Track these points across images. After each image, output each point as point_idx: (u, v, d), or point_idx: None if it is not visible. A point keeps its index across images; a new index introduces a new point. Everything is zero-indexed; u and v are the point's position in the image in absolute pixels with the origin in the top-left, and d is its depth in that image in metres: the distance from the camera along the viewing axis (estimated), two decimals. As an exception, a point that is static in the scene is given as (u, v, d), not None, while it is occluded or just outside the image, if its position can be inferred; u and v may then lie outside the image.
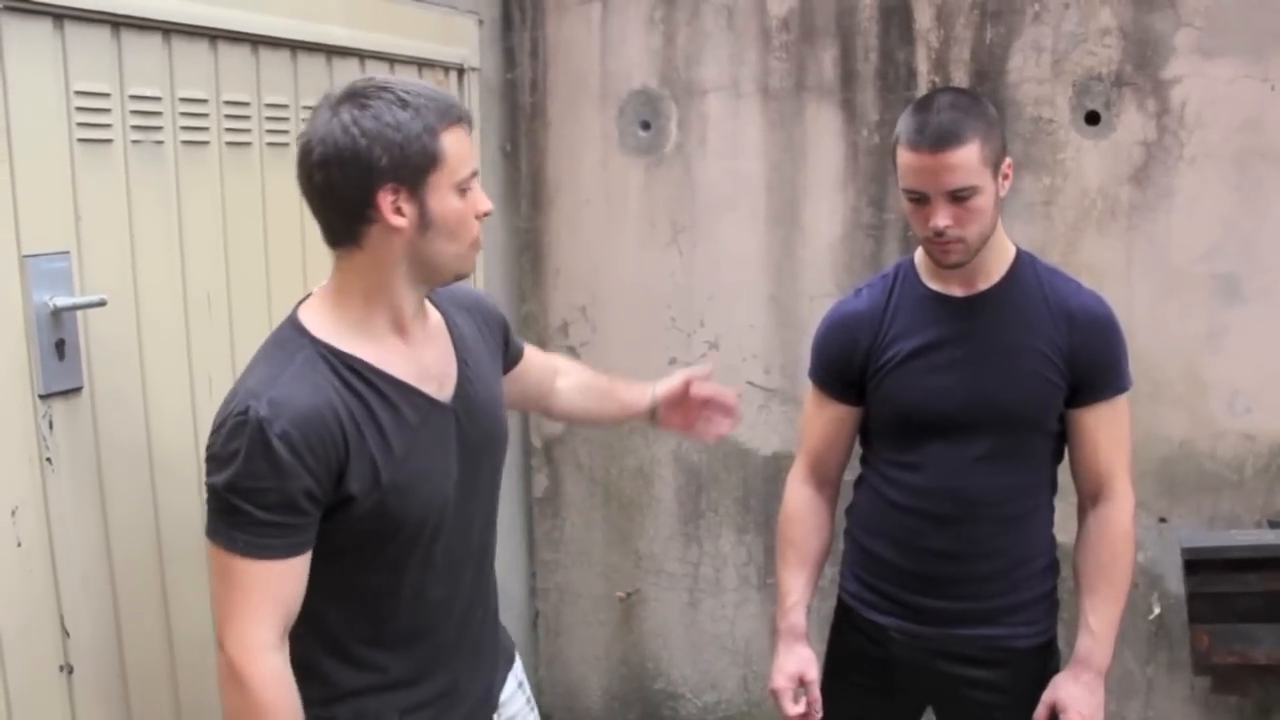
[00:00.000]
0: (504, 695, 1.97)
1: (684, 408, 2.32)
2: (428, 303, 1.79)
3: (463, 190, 1.65)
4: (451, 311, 1.85)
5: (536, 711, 2.08)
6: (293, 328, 1.68)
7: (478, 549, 1.86)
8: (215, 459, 1.58)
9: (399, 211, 1.61)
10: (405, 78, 1.74)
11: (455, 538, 1.78)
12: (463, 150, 1.65)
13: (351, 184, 1.59)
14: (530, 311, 3.48)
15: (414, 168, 1.60)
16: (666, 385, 2.29)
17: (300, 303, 1.72)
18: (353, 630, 1.73)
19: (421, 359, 1.73)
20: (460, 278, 1.74)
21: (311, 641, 1.69)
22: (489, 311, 1.98)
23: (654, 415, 2.30)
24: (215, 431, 1.60)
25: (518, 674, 2.04)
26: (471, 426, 1.78)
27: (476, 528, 1.84)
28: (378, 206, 1.60)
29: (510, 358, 2.04)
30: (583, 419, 2.47)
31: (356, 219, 1.62)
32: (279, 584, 1.60)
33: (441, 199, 1.63)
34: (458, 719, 1.84)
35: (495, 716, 1.94)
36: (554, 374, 2.25)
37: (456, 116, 1.65)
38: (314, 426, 1.57)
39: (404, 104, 1.60)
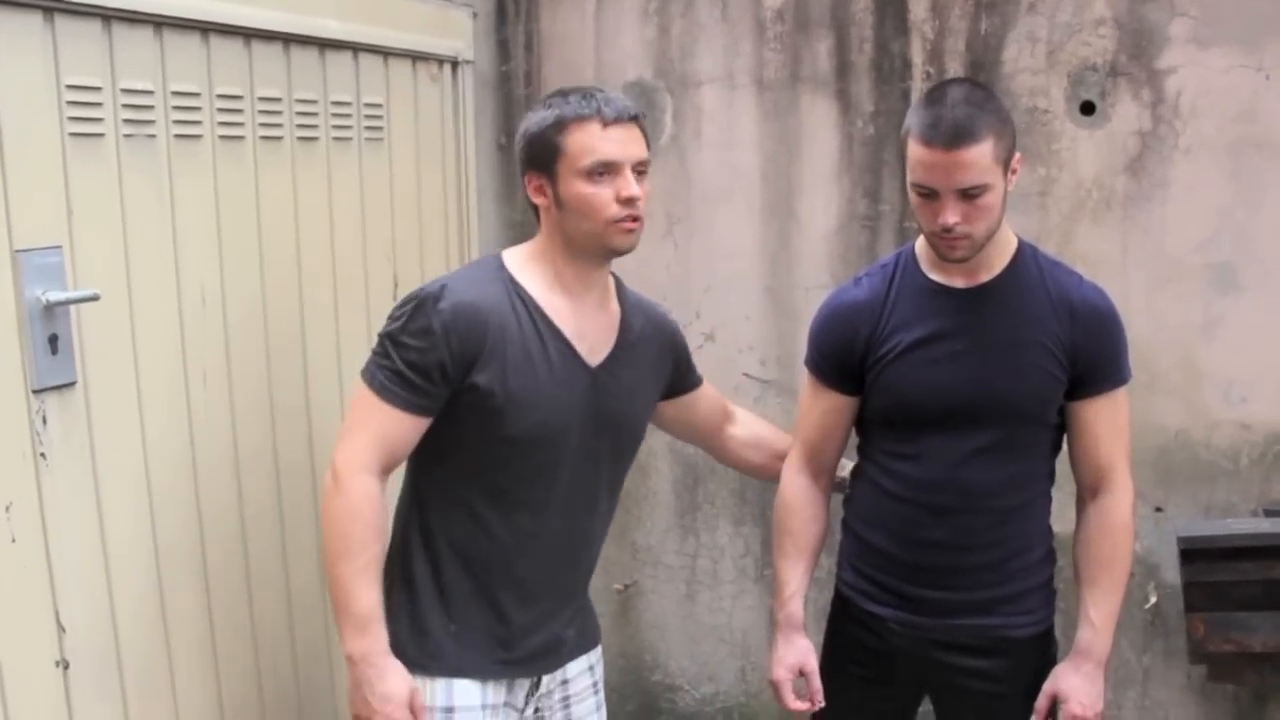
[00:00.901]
0: (572, 671, 2.19)
1: None
2: (613, 297, 2.11)
3: (590, 176, 1.93)
4: (634, 315, 2.15)
5: (603, 711, 2.29)
6: (494, 257, 2.06)
7: (583, 509, 2.09)
8: (391, 316, 1.96)
9: (541, 193, 2.00)
10: (595, 85, 2.12)
11: (564, 486, 2.04)
12: (586, 142, 1.93)
13: (519, 172, 2.04)
14: (526, 304, 3.47)
15: (542, 158, 1.97)
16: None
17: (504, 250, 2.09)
18: (447, 536, 2.02)
19: (580, 322, 2.03)
20: (615, 252, 2.00)
21: (414, 538, 2.03)
22: (670, 336, 2.27)
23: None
24: (403, 299, 1.97)
25: (593, 660, 2.24)
26: (604, 399, 2.05)
27: (586, 489, 2.08)
28: (525, 188, 2.02)
29: (682, 382, 2.32)
30: (752, 473, 2.57)
31: (527, 199, 2.04)
32: (393, 428, 1.93)
33: (568, 184, 1.95)
34: (509, 651, 2.05)
35: (558, 684, 2.16)
36: (725, 416, 2.45)
37: (587, 113, 1.94)
38: (467, 315, 1.91)
39: (548, 105, 1.99)
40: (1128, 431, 2.18)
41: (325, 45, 2.50)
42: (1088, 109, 2.91)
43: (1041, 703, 2.17)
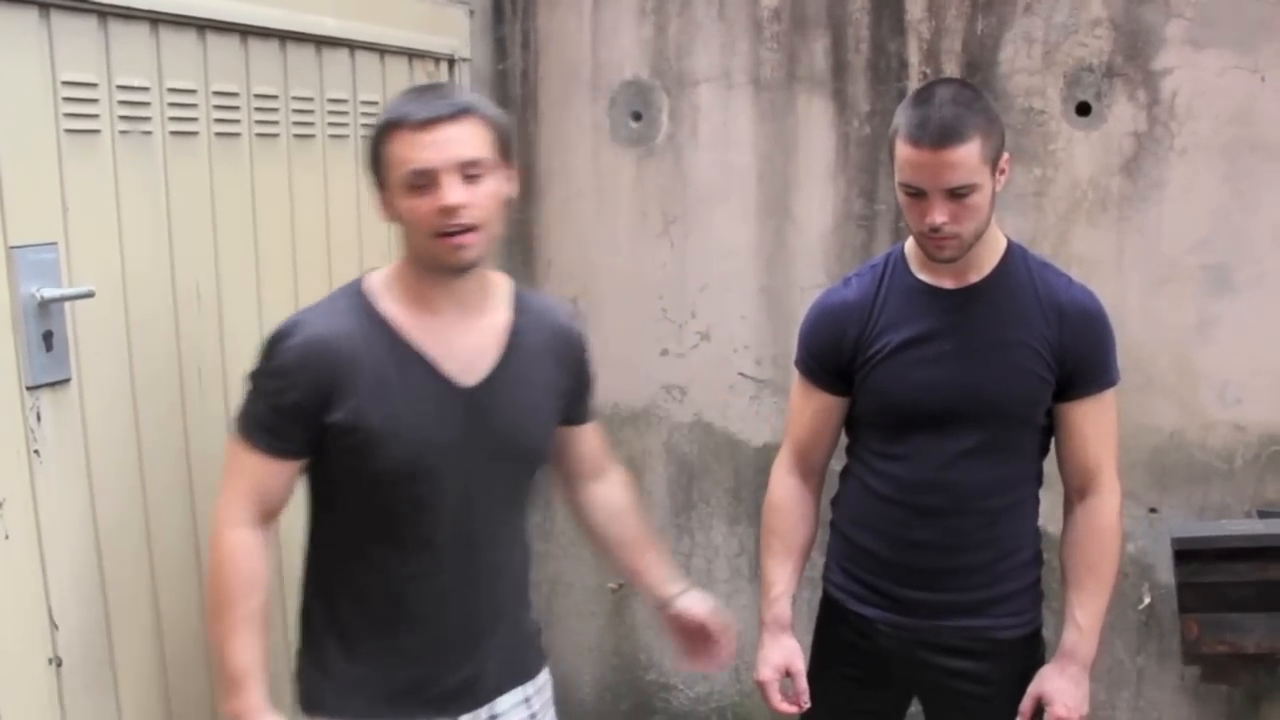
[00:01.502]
0: (502, 707, 2.03)
1: (689, 634, 2.21)
2: (500, 306, 1.95)
3: (411, 188, 1.77)
4: (531, 325, 1.97)
5: None
6: (354, 283, 1.92)
7: (481, 540, 1.94)
8: (255, 362, 1.85)
9: (387, 205, 1.84)
10: (441, 84, 1.99)
11: (452, 520, 1.89)
12: (399, 151, 1.77)
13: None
14: (521, 303, 3.47)
15: (374, 170, 1.84)
16: (689, 606, 2.18)
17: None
18: (335, 571, 1.93)
19: (449, 340, 1.87)
20: (447, 268, 1.83)
21: (311, 582, 1.96)
22: (574, 353, 2.07)
23: (660, 607, 2.21)
24: (262, 341, 1.87)
25: (529, 692, 2.08)
26: (488, 420, 1.89)
27: (479, 519, 1.93)
28: (379, 204, 1.86)
29: (570, 413, 2.10)
30: (595, 542, 2.29)
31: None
32: (262, 475, 1.84)
33: (394, 195, 1.81)
34: (419, 693, 1.94)
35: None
36: (597, 472, 2.22)
37: (396, 121, 1.78)
38: (316, 349, 1.79)
39: (384, 111, 1.84)
40: (1116, 433, 2.18)
41: (322, 43, 2.50)
42: (1083, 110, 2.91)
43: (1026, 705, 2.17)
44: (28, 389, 1.82)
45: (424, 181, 1.76)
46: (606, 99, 3.30)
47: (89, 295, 1.89)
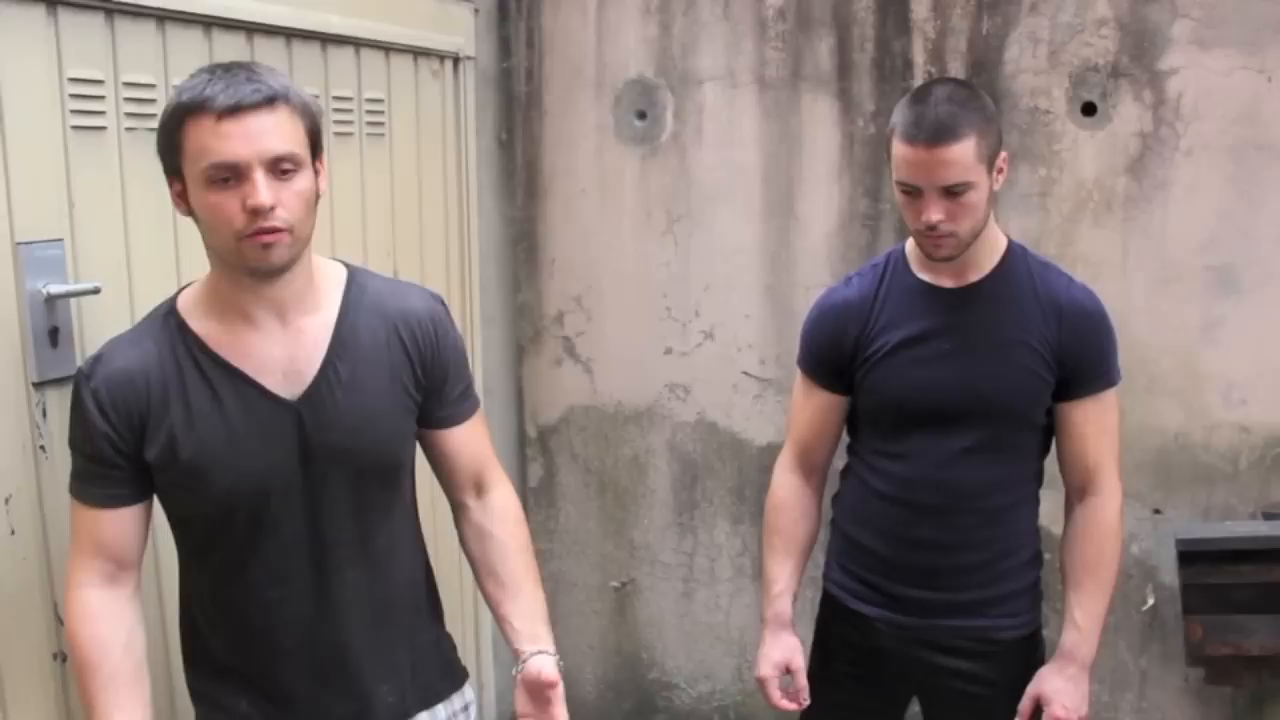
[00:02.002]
0: None
1: (531, 693, 1.87)
2: (327, 303, 1.74)
3: (213, 183, 1.56)
4: (359, 320, 1.76)
5: None
6: (168, 300, 1.75)
7: (331, 563, 1.77)
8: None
9: (182, 199, 1.64)
10: (243, 62, 1.64)
11: (293, 541, 1.74)
12: (201, 140, 1.55)
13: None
14: (525, 301, 3.48)
15: (168, 159, 1.63)
16: (533, 669, 1.84)
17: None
18: (200, 606, 1.81)
19: (268, 351, 1.69)
20: (254, 272, 1.63)
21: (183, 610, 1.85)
22: (426, 342, 1.82)
23: (516, 661, 1.89)
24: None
25: (455, 708, 1.94)
26: (319, 432, 1.71)
27: (324, 540, 1.76)
28: (171, 195, 1.66)
29: (434, 412, 1.86)
30: (471, 567, 1.98)
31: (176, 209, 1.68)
32: (100, 530, 1.70)
33: (194, 190, 1.60)
34: None
35: None
36: (477, 487, 1.95)
37: (195, 106, 1.55)
38: (119, 385, 1.65)
39: (178, 92, 1.60)
40: (1117, 433, 2.18)
41: (327, 40, 2.50)
42: (1089, 110, 2.91)
43: (1025, 705, 2.17)
44: (34, 385, 1.83)
45: (228, 175, 1.55)
46: (611, 97, 3.30)
47: (95, 291, 1.89)
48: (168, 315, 1.71)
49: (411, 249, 2.86)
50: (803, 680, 2.26)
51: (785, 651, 2.27)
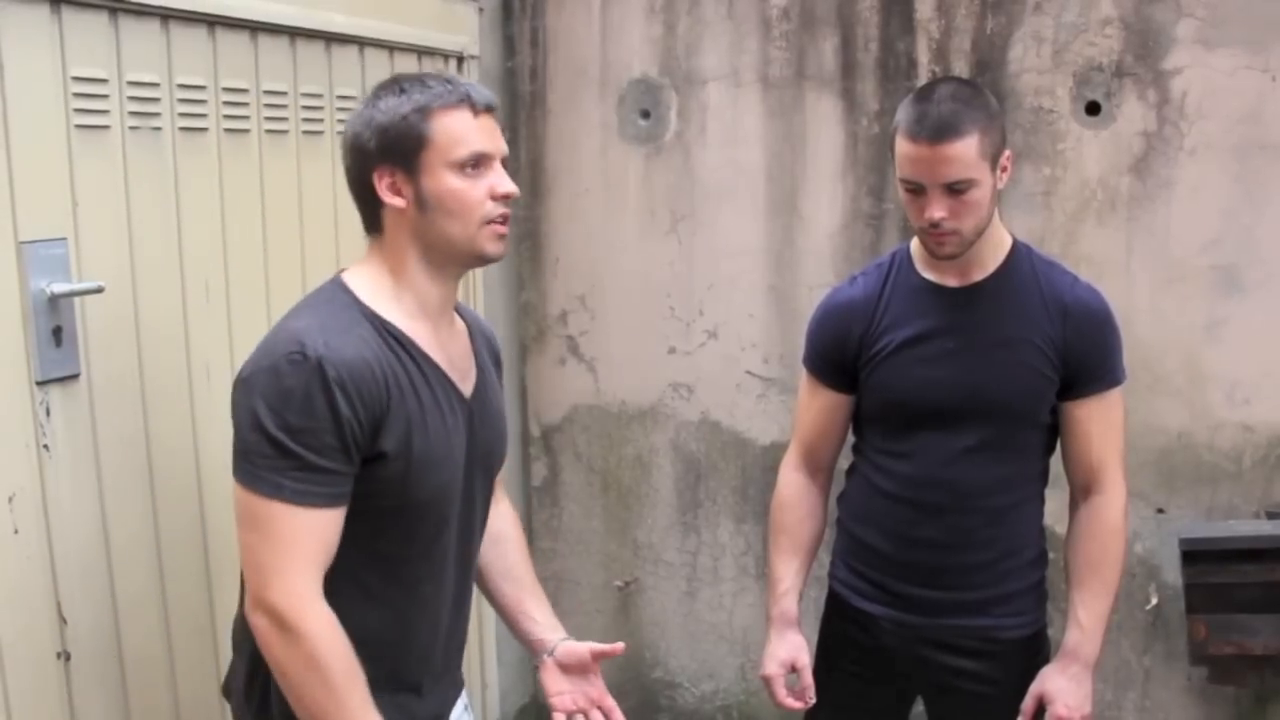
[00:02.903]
0: (452, 716, 1.92)
1: (570, 672, 1.97)
2: (459, 313, 1.84)
3: (463, 169, 1.65)
4: (474, 329, 1.88)
5: None
6: (339, 288, 1.70)
7: (472, 558, 1.86)
8: (261, 397, 1.56)
9: (397, 192, 1.66)
10: (433, 73, 1.78)
11: (454, 538, 1.77)
12: (458, 130, 1.65)
13: (356, 169, 1.69)
14: (529, 300, 3.48)
15: (402, 149, 1.65)
16: (571, 647, 1.95)
17: (339, 272, 1.74)
18: (345, 606, 1.66)
19: (447, 349, 1.75)
20: (483, 260, 1.72)
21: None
22: (494, 339, 1.96)
23: (539, 658, 1.98)
24: (259, 371, 1.58)
25: (465, 700, 1.98)
26: (482, 430, 1.79)
27: (472, 535, 1.84)
28: (375, 188, 1.67)
29: None
30: (484, 566, 2.01)
31: (369, 203, 1.70)
32: (322, 534, 1.59)
33: (435, 178, 1.65)
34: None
35: None
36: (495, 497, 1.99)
37: (456, 99, 1.66)
38: (364, 375, 1.58)
39: (401, 91, 1.66)
40: (1121, 432, 2.18)
41: (331, 39, 2.50)
42: (1093, 109, 2.91)
43: (1028, 704, 2.17)
44: (37, 384, 1.83)
45: (480, 165, 1.67)
46: (615, 97, 3.30)
47: (98, 291, 1.89)
48: (354, 304, 1.66)
49: (415, 248, 2.86)
50: (808, 679, 2.26)
51: (791, 650, 2.27)
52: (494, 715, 3.40)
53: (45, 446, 1.84)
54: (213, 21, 2.16)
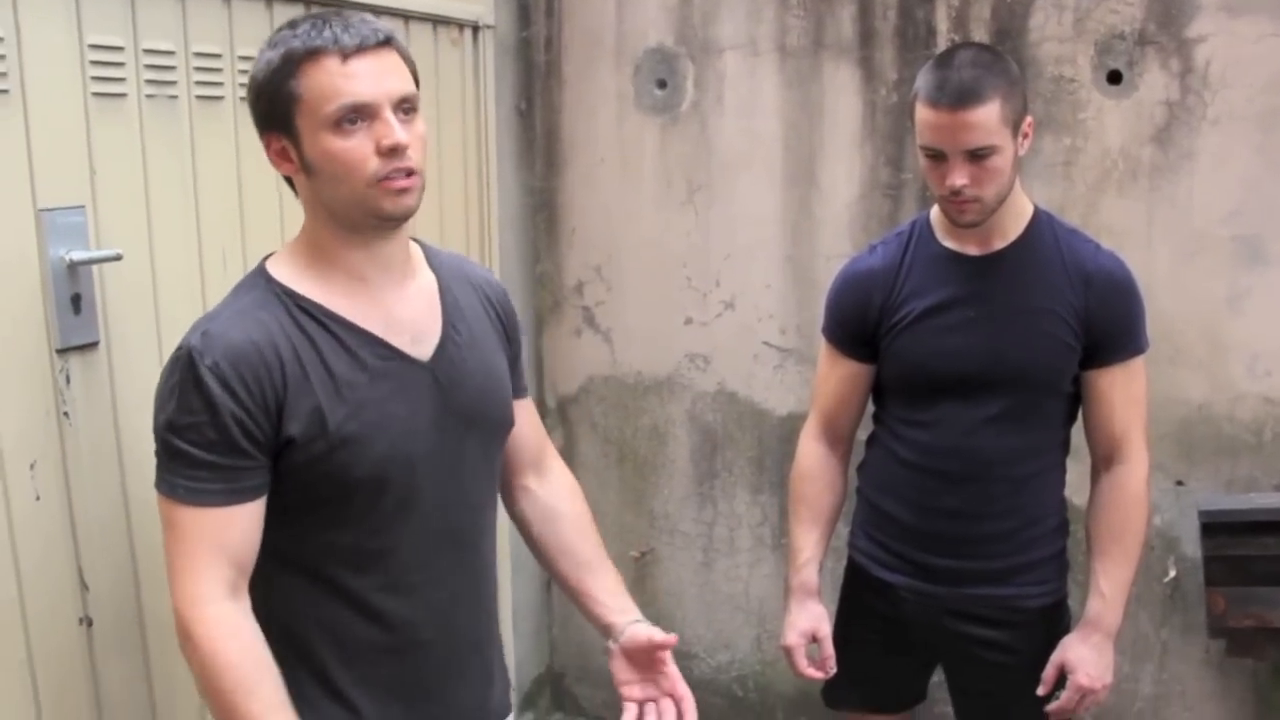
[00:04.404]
0: None
1: (635, 660, 1.83)
2: (422, 265, 1.71)
3: (339, 126, 1.49)
4: (451, 280, 1.73)
5: None
6: (256, 272, 1.63)
7: (469, 535, 1.71)
8: (157, 398, 1.54)
9: (285, 157, 1.56)
10: (328, 11, 1.56)
11: (434, 514, 1.64)
12: (325, 83, 1.48)
13: (258, 134, 1.59)
14: (545, 271, 3.47)
15: (278, 112, 1.53)
16: (635, 634, 1.81)
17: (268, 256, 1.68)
18: (314, 613, 1.61)
19: (391, 311, 1.62)
20: (387, 220, 1.57)
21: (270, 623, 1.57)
22: (501, 297, 1.82)
23: (608, 636, 1.87)
24: (163, 370, 1.55)
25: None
26: (455, 392, 1.65)
27: (465, 510, 1.70)
28: (270, 155, 1.58)
29: (510, 380, 1.81)
30: (534, 551, 1.95)
31: (276, 167, 1.59)
32: (221, 533, 1.50)
33: (313, 139, 1.51)
34: None
35: None
36: (537, 463, 1.93)
37: (319, 46, 1.49)
38: (247, 358, 1.49)
39: (274, 44, 1.53)
40: (1144, 402, 2.17)
41: (345, 6, 2.48)
42: (1114, 78, 2.87)
43: (1049, 672, 2.17)
44: (57, 352, 1.83)
45: (359, 118, 1.50)
46: (631, 66, 3.28)
47: (117, 258, 1.89)
48: (267, 284, 1.58)
49: (431, 218, 2.85)
50: (829, 649, 2.27)
51: (811, 620, 2.27)
52: (510, 684, 3.41)
53: (65, 414, 1.85)
54: (228, -11, 2.15)
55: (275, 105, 1.52)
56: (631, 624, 1.82)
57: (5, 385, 1.75)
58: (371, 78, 1.51)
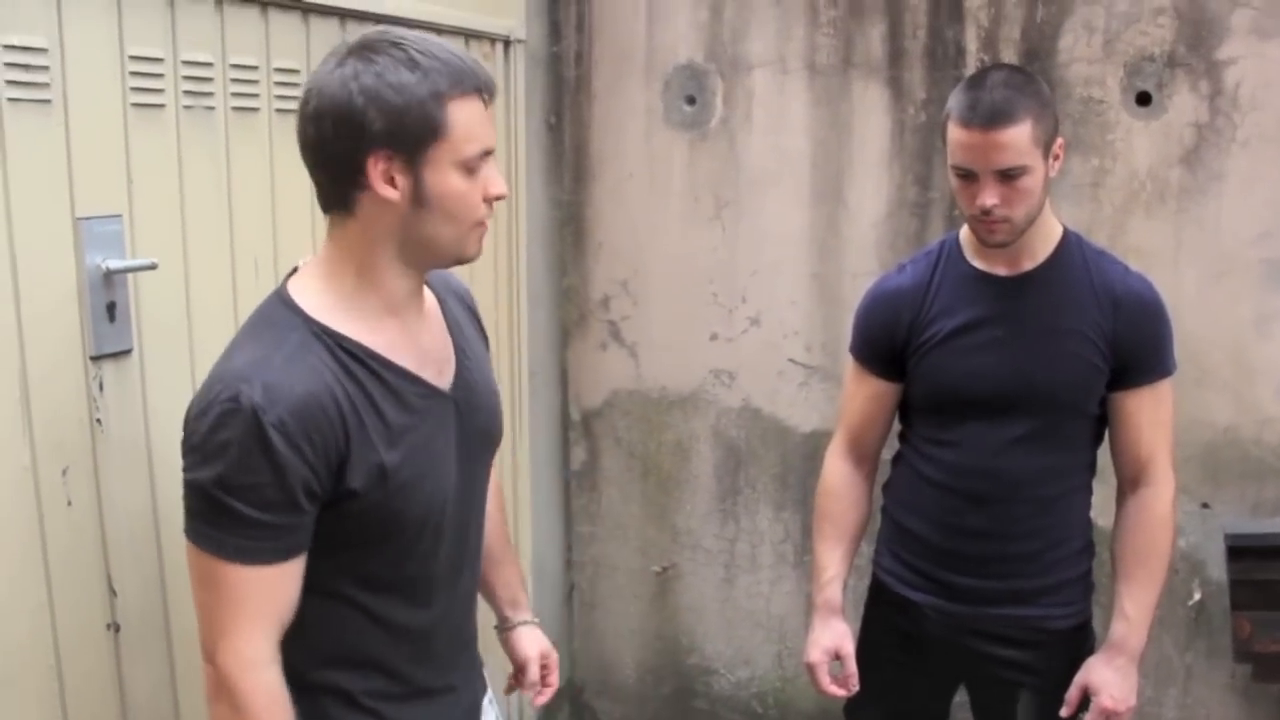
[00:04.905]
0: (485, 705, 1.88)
1: (515, 663, 1.99)
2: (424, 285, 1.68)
3: (469, 169, 1.49)
4: (444, 295, 1.72)
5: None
6: (282, 304, 1.52)
7: (473, 554, 1.74)
8: (198, 450, 1.43)
9: (391, 182, 1.47)
10: (425, 35, 1.52)
11: (454, 543, 1.66)
12: (473, 124, 1.47)
13: (342, 143, 1.45)
14: (571, 285, 3.48)
15: (411, 136, 1.45)
16: (524, 646, 1.97)
17: (289, 276, 1.59)
18: (335, 632, 1.59)
19: (420, 343, 1.59)
20: (461, 262, 1.57)
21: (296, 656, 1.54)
22: (472, 301, 1.81)
23: (499, 624, 1.99)
24: (197, 418, 1.44)
25: (490, 696, 1.92)
26: (472, 417, 1.66)
27: (473, 531, 1.72)
28: (367, 173, 1.45)
29: None
30: None
31: (347, 183, 1.48)
32: (273, 591, 1.46)
33: (441, 175, 1.47)
34: None
35: None
36: None
37: (473, 86, 1.47)
38: (312, 415, 1.42)
39: (413, 64, 1.44)
40: (1171, 424, 2.17)
41: (380, 21, 2.50)
42: (1144, 99, 2.87)
43: (1073, 694, 2.17)
44: (91, 359, 1.85)
45: (480, 165, 1.51)
46: (660, 82, 3.29)
47: (152, 267, 1.91)
48: (301, 324, 1.49)
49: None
50: (852, 667, 2.26)
51: (835, 637, 2.27)
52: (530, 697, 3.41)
53: (98, 421, 1.87)
54: (265, 3, 2.17)
55: (411, 129, 1.44)
56: (519, 625, 1.98)
57: (39, 391, 1.77)
58: (493, 126, 1.54)
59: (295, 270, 1.60)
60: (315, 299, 1.52)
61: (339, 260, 1.53)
